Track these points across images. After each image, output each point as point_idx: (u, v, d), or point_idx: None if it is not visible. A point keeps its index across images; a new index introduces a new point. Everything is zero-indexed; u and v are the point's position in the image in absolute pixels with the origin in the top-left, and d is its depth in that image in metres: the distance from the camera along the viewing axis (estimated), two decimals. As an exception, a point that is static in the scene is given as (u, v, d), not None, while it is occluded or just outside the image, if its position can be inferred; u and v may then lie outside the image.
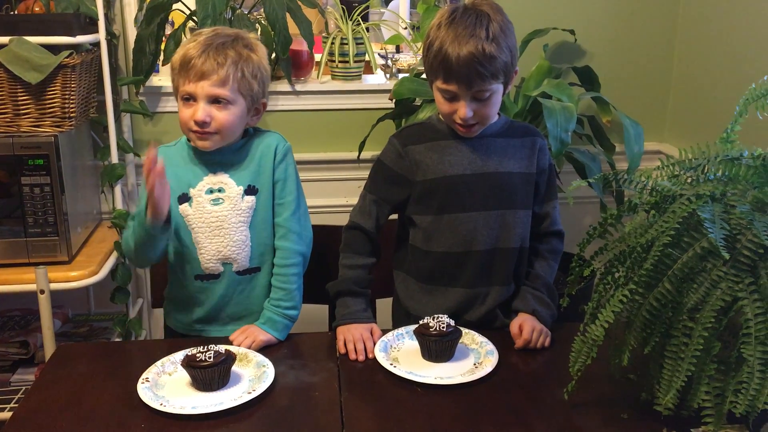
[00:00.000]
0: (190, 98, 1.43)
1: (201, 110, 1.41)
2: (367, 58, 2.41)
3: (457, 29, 1.37)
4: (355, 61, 2.36)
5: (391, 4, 3.40)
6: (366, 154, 2.29)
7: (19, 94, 1.87)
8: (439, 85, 1.42)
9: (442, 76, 1.40)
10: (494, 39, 1.36)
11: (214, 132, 1.43)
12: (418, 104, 2.13)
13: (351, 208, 1.58)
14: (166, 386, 1.28)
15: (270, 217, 1.52)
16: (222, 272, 1.50)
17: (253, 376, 1.31)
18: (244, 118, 1.47)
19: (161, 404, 1.20)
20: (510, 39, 1.41)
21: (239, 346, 1.40)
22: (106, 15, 2.08)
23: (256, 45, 1.49)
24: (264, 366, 1.32)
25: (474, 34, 1.36)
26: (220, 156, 1.49)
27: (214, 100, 1.42)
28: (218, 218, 1.47)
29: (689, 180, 1.19)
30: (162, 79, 2.36)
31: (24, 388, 2.01)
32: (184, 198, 1.49)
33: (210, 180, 1.48)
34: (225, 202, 1.48)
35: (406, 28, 2.76)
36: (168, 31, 2.25)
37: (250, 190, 1.49)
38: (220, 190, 1.48)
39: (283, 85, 2.32)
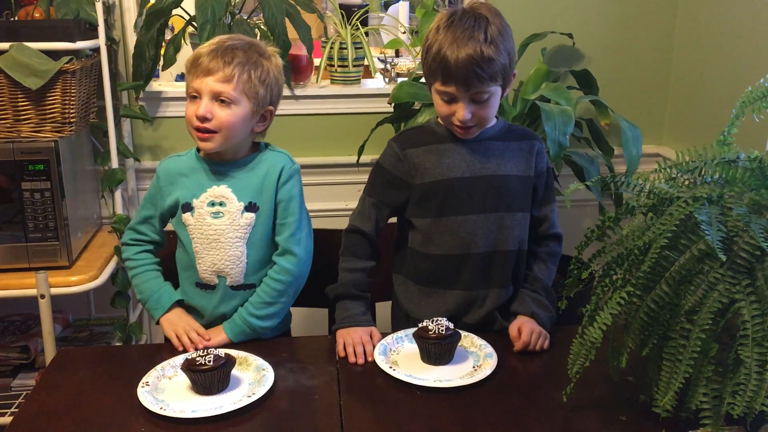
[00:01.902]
0: (196, 95, 1.44)
1: (203, 106, 1.42)
2: (366, 62, 2.42)
3: (455, 32, 1.38)
4: (354, 66, 2.36)
5: (390, 9, 3.42)
6: (365, 158, 2.29)
7: (20, 100, 1.87)
8: (438, 87, 1.42)
9: (441, 78, 1.40)
10: (492, 42, 1.37)
11: (214, 131, 1.43)
12: (417, 108, 2.13)
13: (350, 212, 1.58)
14: (166, 390, 1.28)
15: (269, 236, 1.50)
16: (217, 284, 1.50)
17: (252, 379, 1.31)
18: (248, 121, 1.47)
19: (161, 408, 1.20)
20: (508, 42, 1.41)
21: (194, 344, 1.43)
22: (105, 21, 2.09)
23: (270, 54, 1.50)
24: (264, 369, 1.32)
25: (472, 37, 1.37)
26: (226, 168, 1.49)
27: (218, 98, 1.42)
28: (216, 231, 1.47)
29: (686, 182, 1.20)
30: (162, 84, 2.37)
31: (25, 392, 2.01)
32: (187, 207, 1.49)
33: (212, 192, 1.48)
34: (224, 216, 1.47)
35: (405, 33, 2.77)
36: (168, 36, 2.26)
37: (250, 207, 1.48)
38: (221, 204, 1.47)
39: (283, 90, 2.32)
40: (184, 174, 1.51)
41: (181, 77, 2.63)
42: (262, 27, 2.22)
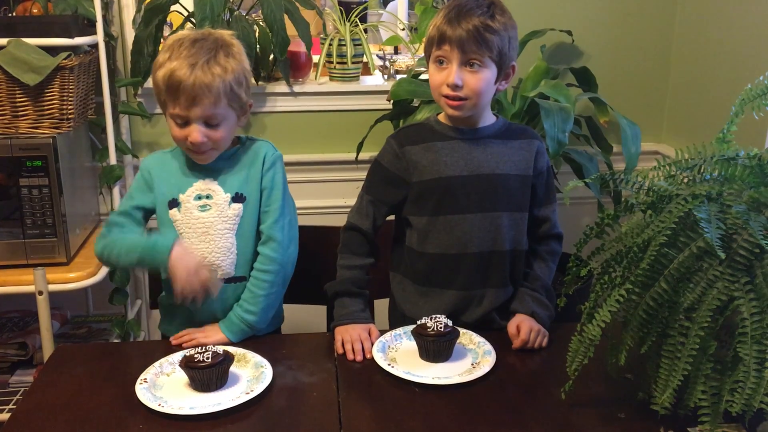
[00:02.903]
0: (182, 121, 1.42)
1: (198, 133, 1.40)
2: (365, 59, 2.41)
3: (460, 7, 1.41)
4: (353, 63, 2.36)
5: (389, 6, 3.41)
6: (364, 155, 2.29)
7: (18, 96, 1.87)
8: (434, 52, 1.44)
9: (437, 41, 1.42)
10: (494, 18, 1.40)
11: (211, 148, 1.44)
12: (416, 105, 2.13)
13: (349, 209, 1.58)
14: (165, 387, 1.28)
15: (257, 226, 1.50)
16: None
17: (251, 376, 1.31)
18: (236, 125, 1.48)
19: (159, 405, 1.20)
20: (510, 30, 1.43)
21: (189, 342, 1.42)
22: (104, 17, 2.08)
23: (235, 47, 1.45)
24: (262, 366, 1.32)
25: (475, 9, 1.40)
26: (211, 163, 1.49)
27: (208, 121, 1.41)
28: (205, 224, 1.47)
29: (686, 180, 1.20)
30: (160, 80, 2.36)
31: (22, 389, 2.01)
32: (174, 203, 1.49)
33: (199, 186, 1.48)
34: (212, 208, 1.47)
35: (404, 30, 2.77)
36: (166, 32, 2.26)
37: (237, 198, 1.48)
38: (208, 197, 1.47)
39: (281, 87, 2.32)
40: (169, 171, 1.51)
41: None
42: (261, 23, 2.22)
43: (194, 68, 1.38)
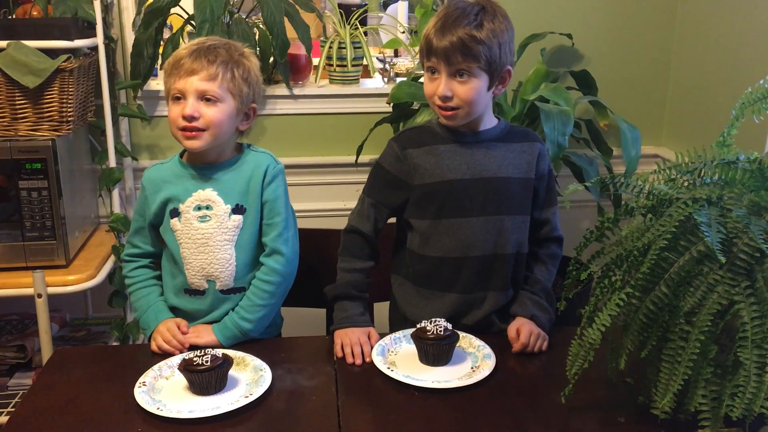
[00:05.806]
0: (179, 96, 1.43)
1: (189, 106, 1.41)
2: (365, 62, 2.41)
3: (448, 15, 1.41)
4: (353, 65, 2.36)
5: (389, 9, 3.41)
6: (364, 158, 2.29)
7: (17, 98, 1.87)
8: (425, 63, 1.45)
9: (426, 53, 1.43)
10: (481, 26, 1.40)
11: (202, 129, 1.42)
12: (416, 108, 2.13)
13: (349, 212, 1.58)
14: (163, 390, 1.28)
15: (257, 238, 1.50)
16: (207, 289, 1.49)
17: (250, 380, 1.31)
18: (233, 119, 1.46)
19: (158, 408, 1.20)
20: (501, 35, 1.41)
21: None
22: (104, 19, 2.08)
23: (248, 54, 1.50)
24: (261, 370, 1.32)
25: (461, 18, 1.40)
26: (210, 172, 1.48)
27: (203, 97, 1.42)
28: (204, 235, 1.46)
29: (686, 184, 1.19)
30: (160, 83, 2.36)
31: (21, 392, 2.01)
32: (175, 212, 1.48)
33: (198, 196, 1.47)
34: (212, 219, 1.47)
35: (404, 33, 2.77)
36: (166, 35, 2.26)
37: (237, 209, 1.47)
38: (207, 208, 1.47)
39: (281, 89, 2.32)
40: (169, 181, 1.50)
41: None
42: (261, 26, 2.22)
43: (200, 48, 1.44)
